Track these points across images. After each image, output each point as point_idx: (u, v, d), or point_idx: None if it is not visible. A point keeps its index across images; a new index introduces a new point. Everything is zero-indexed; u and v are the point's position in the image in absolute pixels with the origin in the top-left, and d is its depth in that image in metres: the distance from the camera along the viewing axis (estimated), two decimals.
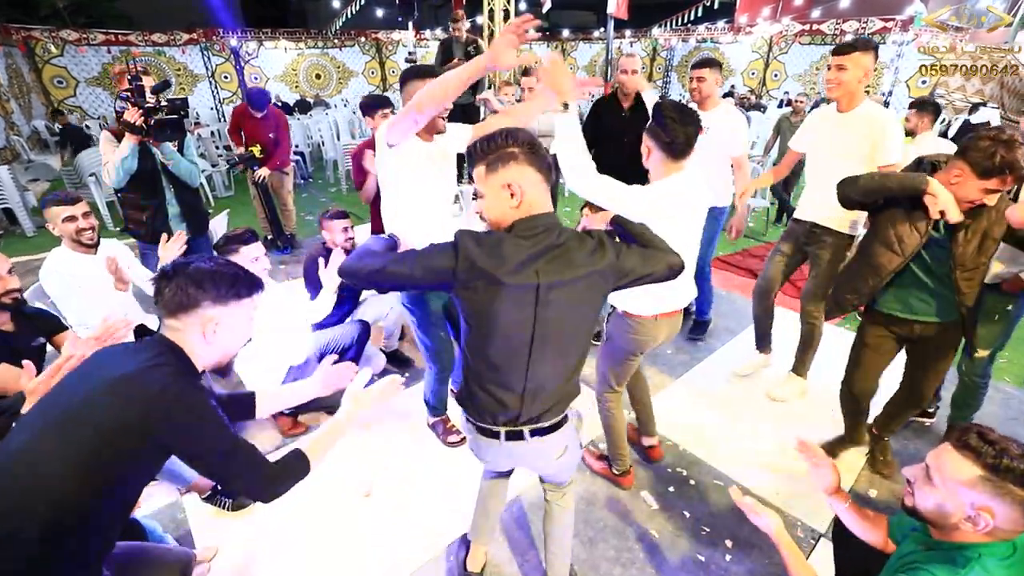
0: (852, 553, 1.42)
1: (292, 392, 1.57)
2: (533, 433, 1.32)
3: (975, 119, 6.33)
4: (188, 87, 13.41)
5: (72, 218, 2.19)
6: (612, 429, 2.11)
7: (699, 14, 11.62)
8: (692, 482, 2.24)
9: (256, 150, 4.42)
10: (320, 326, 2.69)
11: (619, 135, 2.98)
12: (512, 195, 1.14)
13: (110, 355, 1.15)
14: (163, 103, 2.56)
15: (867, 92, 2.25)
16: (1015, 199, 1.92)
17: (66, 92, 11.88)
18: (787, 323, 3.12)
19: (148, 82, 2.57)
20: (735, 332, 3.49)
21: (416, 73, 1.86)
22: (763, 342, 2.98)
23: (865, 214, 2.21)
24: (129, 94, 2.49)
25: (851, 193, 1.76)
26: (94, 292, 2.21)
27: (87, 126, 10.76)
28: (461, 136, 1.95)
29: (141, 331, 2.52)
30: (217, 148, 8.48)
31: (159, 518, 2.02)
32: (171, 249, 2.28)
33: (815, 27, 12.77)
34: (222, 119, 11.92)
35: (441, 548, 1.93)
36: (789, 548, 1.27)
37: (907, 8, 11.05)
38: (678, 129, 1.60)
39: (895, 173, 1.67)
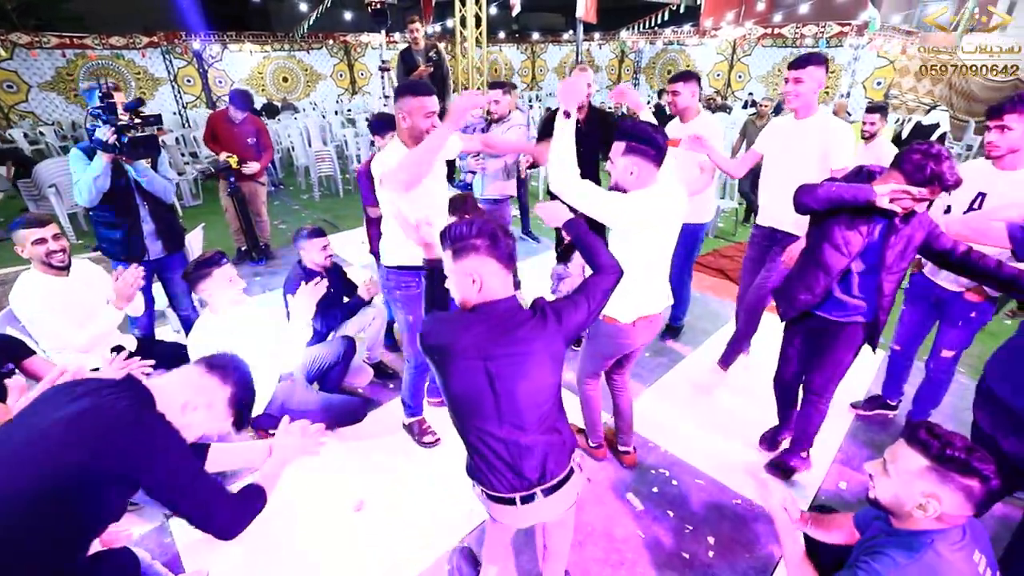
0: (821, 553, 1.52)
1: (244, 454, 1.62)
2: (546, 492, 1.38)
3: (926, 120, 6.69)
4: (149, 91, 12.97)
5: (42, 240, 2.13)
6: (588, 405, 2.29)
7: (665, 17, 11.86)
8: (674, 482, 2.33)
9: (233, 160, 4.27)
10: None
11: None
12: (473, 282, 1.26)
13: (66, 391, 1.15)
14: (136, 120, 2.51)
15: (827, 93, 2.42)
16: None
17: (17, 97, 11.35)
18: (768, 325, 3.23)
19: (120, 99, 2.51)
20: (710, 332, 3.61)
21: (409, 90, 1.96)
22: (744, 343, 3.11)
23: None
24: (101, 111, 2.44)
25: (808, 201, 1.85)
26: (70, 314, 2.16)
27: (41, 132, 10.31)
28: (450, 144, 2.10)
29: (117, 351, 2.48)
30: (183, 155, 8.25)
31: (146, 543, 1.99)
32: (125, 282, 2.20)
33: (776, 31, 13.22)
34: (186, 124, 11.58)
35: (432, 559, 1.96)
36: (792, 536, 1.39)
37: (862, 14, 11.53)
38: (659, 139, 1.73)
39: (848, 184, 1.78)
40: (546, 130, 3.19)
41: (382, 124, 2.99)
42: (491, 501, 1.42)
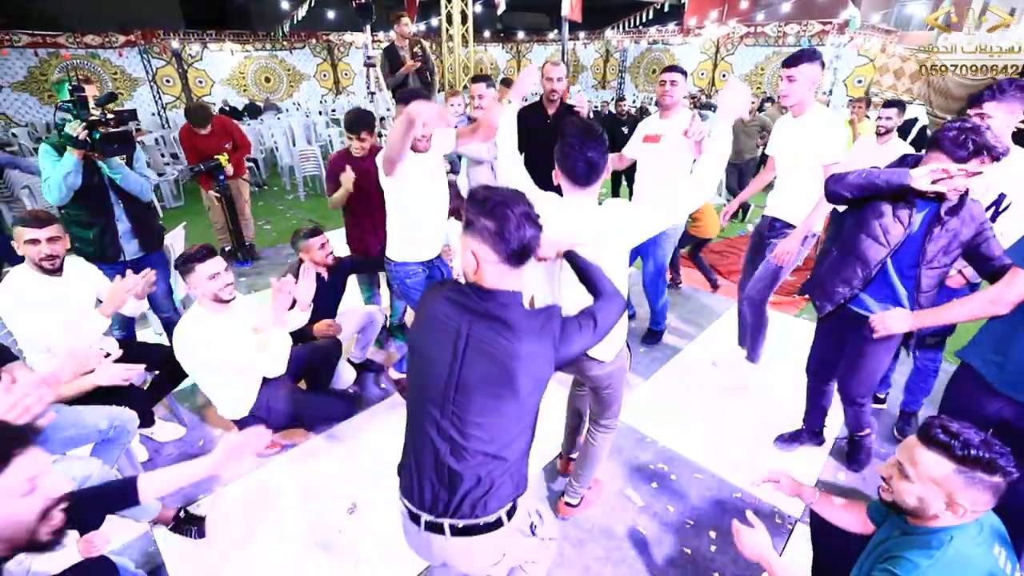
0: (830, 535, 1.49)
1: (184, 473, 1.37)
2: (454, 531, 1.16)
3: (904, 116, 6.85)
4: (127, 92, 12.68)
5: (35, 241, 2.03)
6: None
7: (650, 17, 11.93)
8: (673, 477, 2.30)
9: (223, 158, 4.20)
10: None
11: (543, 140, 3.04)
12: (472, 260, 1.12)
13: None
14: (109, 115, 2.40)
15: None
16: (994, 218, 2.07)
17: None
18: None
19: (91, 91, 2.41)
20: (703, 327, 3.61)
21: (408, 98, 2.00)
22: (743, 337, 3.09)
23: (815, 199, 2.36)
24: (70, 105, 2.32)
25: (840, 189, 1.80)
26: (61, 313, 2.07)
27: (14, 134, 10.01)
28: (446, 137, 2.32)
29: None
30: (163, 156, 8.05)
31: (129, 552, 1.91)
32: (125, 286, 2.12)
33: (759, 29, 13.36)
34: (166, 125, 11.34)
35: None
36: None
37: (843, 12, 11.70)
38: (577, 156, 1.45)
39: (883, 169, 1.73)
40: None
41: (355, 122, 2.80)
42: (405, 516, 1.25)
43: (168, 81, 13.28)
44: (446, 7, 7.53)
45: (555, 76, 3.01)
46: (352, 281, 3.23)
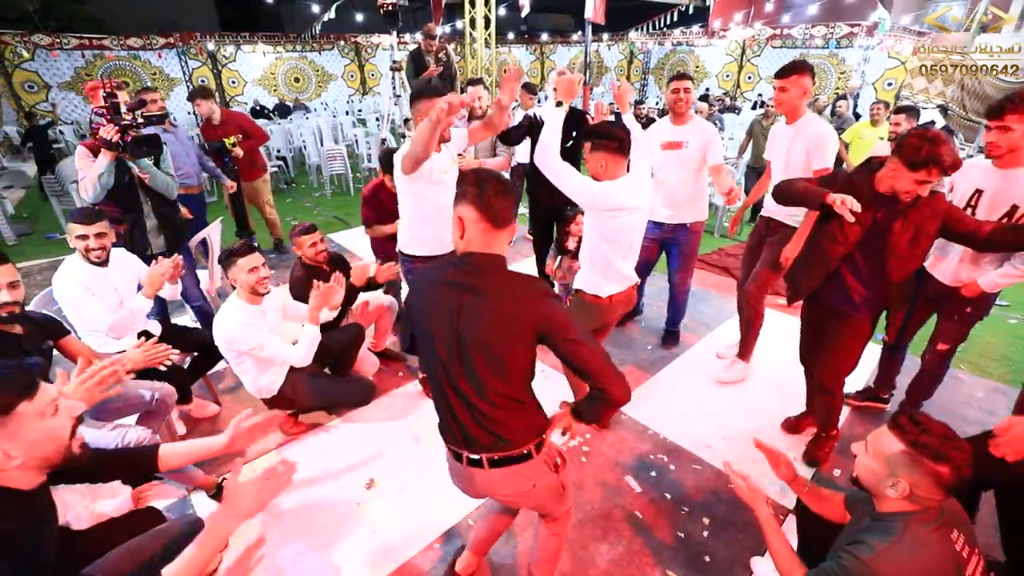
0: (813, 525, 1.59)
1: (201, 447, 1.50)
2: (492, 463, 1.34)
3: (920, 120, 6.72)
4: (165, 91, 13.22)
5: (84, 236, 2.25)
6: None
7: (674, 18, 11.92)
8: (672, 467, 2.41)
9: (229, 141, 4.20)
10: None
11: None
12: (458, 227, 1.26)
13: None
14: (139, 120, 2.61)
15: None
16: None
17: (38, 97, 11.64)
18: (769, 320, 3.27)
19: (123, 97, 2.62)
20: (711, 327, 3.68)
21: (424, 93, 2.16)
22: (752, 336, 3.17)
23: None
24: (104, 111, 2.53)
25: (776, 197, 2.10)
26: (106, 301, 2.29)
27: (60, 131, 10.56)
28: (460, 135, 2.47)
29: (145, 336, 2.61)
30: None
31: (170, 512, 2.10)
32: (159, 270, 2.35)
33: (786, 32, 13.21)
34: (200, 124, 11.80)
35: (432, 538, 2.05)
36: (767, 521, 1.43)
37: (872, 14, 11.49)
38: (618, 133, 1.98)
39: (804, 186, 1.94)
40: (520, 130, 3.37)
41: (390, 161, 2.94)
42: (448, 455, 1.43)
43: (203, 81, 13.79)
44: (470, 12, 7.71)
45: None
46: None
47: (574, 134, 3.14)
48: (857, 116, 5.87)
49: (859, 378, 2.92)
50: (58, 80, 11.81)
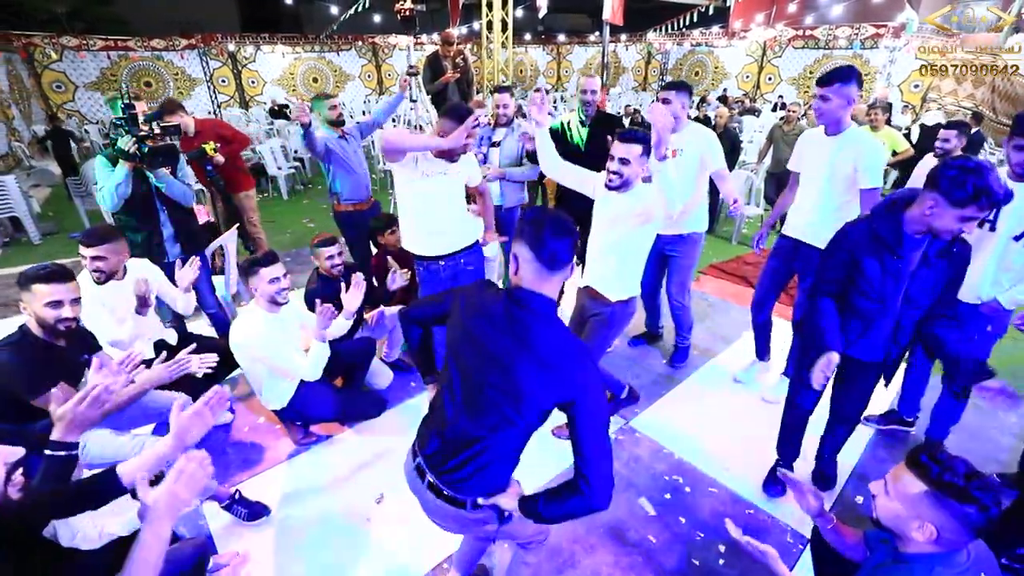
0: (830, 559, 1.53)
1: (152, 456, 1.37)
2: (432, 485, 1.32)
3: (930, 121, 6.45)
4: (186, 91, 13.46)
5: (85, 257, 2.29)
6: None
7: (693, 19, 11.74)
8: (688, 489, 2.35)
9: (209, 147, 3.82)
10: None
11: (575, 151, 3.21)
12: (513, 264, 1.24)
13: None
14: (156, 130, 2.63)
15: (860, 96, 2.37)
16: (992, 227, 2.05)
17: (65, 97, 11.93)
18: (786, 332, 3.20)
19: (141, 108, 2.64)
20: (730, 341, 3.60)
21: (451, 115, 2.29)
22: (763, 351, 3.10)
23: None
24: (123, 121, 2.56)
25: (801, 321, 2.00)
26: (116, 313, 2.32)
27: (86, 130, 10.80)
28: (474, 169, 2.59)
29: (161, 345, 2.63)
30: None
31: (181, 521, 2.12)
32: (187, 273, 2.40)
33: (808, 32, 12.94)
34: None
35: (442, 558, 2.02)
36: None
37: (899, 15, 11.20)
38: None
39: (829, 327, 1.82)
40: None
41: (382, 227, 3.23)
42: (409, 460, 1.42)
43: (224, 81, 14.00)
44: (487, 15, 7.69)
45: (589, 88, 3.19)
46: None
47: (609, 138, 3.04)
48: (889, 122, 5.62)
49: (883, 400, 2.83)
50: (84, 80, 12.09)
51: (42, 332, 1.82)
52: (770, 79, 14.32)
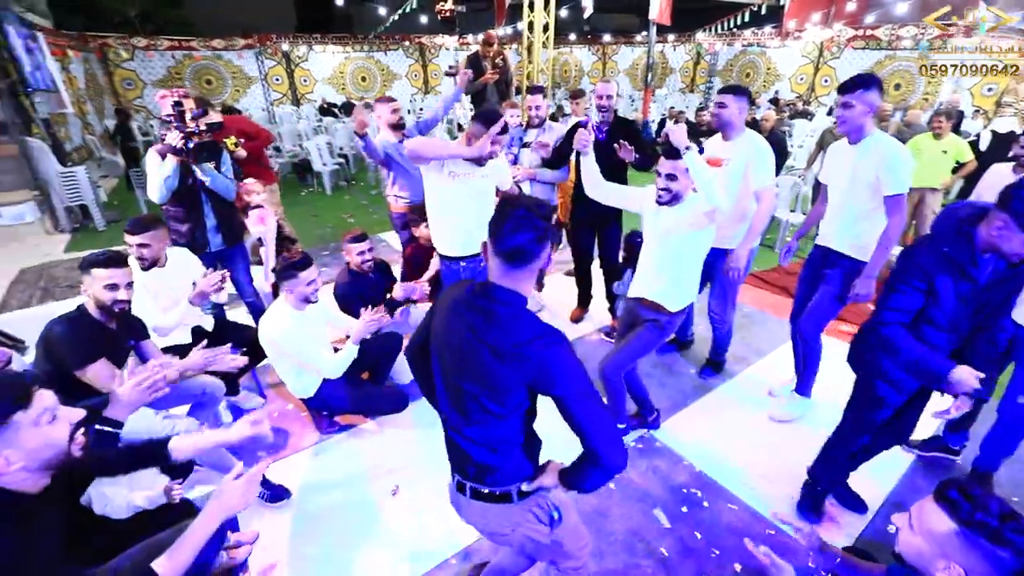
0: None
1: (209, 439, 1.56)
2: (473, 494, 1.31)
3: (1002, 128, 5.91)
4: (243, 89, 14.12)
5: (131, 244, 2.44)
6: (620, 392, 2.48)
7: (746, 19, 11.35)
8: (706, 504, 2.28)
9: (230, 141, 3.88)
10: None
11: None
12: (483, 253, 1.25)
13: None
14: (201, 127, 2.78)
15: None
16: None
17: (134, 93, 12.74)
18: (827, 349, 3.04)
19: (189, 106, 2.79)
20: (763, 353, 3.47)
21: (479, 118, 2.33)
22: (812, 370, 2.94)
23: (876, 232, 2.27)
24: (171, 118, 2.71)
25: (885, 363, 1.78)
26: (159, 301, 2.47)
27: (151, 124, 11.50)
28: (505, 173, 2.67)
29: (197, 331, 2.77)
30: (267, 150, 8.90)
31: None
32: (208, 282, 2.48)
33: (869, 32, 12.26)
34: (272, 121, 12.50)
35: (450, 554, 2.04)
36: None
37: (970, 13, 10.45)
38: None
39: (928, 357, 1.63)
40: (568, 143, 3.29)
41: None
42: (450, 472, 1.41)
43: (277, 80, 14.60)
44: (528, 16, 7.72)
45: (605, 94, 3.15)
46: None
47: (622, 144, 2.96)
48: (957, 131, 5.19)
49: (928, 425, 2.66)
50: (152, 78, 12.88)
51: (98, 312, 1.97)
52: (826, 81, 13.66)
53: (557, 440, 1.45)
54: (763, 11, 11.17)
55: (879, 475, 2.36)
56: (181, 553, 1.17)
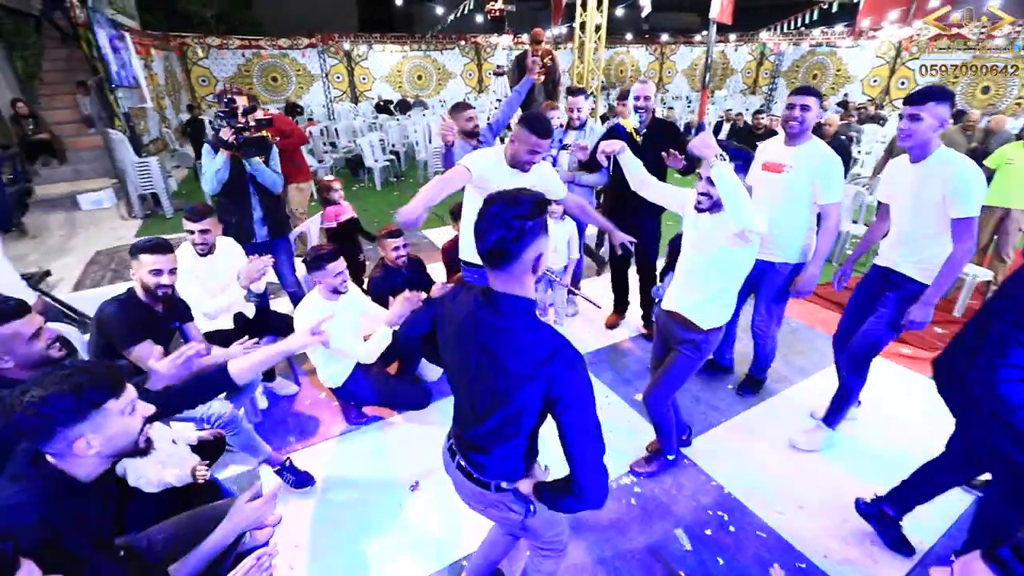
0: None
1: (260, 358, 1.61)
2: (458, 465, 1.36)
3: None
4: (305, 86, 14.78)
5: (191, 232, 2.58)
6: (667, 419, 2.31)
7: (815, 17, 10.73)
8: (732, 528, 2.17)
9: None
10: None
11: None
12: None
13: None
14: (251, 123, 2.91)
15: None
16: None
17: (207, 90, 13.59)
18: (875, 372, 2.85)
19: (241, 102, 2.92)
20: (808, 373, 3.27)
21: (528, 124, 2.16)
22: (852, 397, 2.74)
23: (945, 256, 2.07)
24: (224, 114, 2.85)
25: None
26: (207, 286, 2.61)
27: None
28: (556, 185, 2.51)
29: (240, 317, 2.90)
30: (324, 145, 9.28)
31: (239, 482, 2.34)
32: (253, 268, 2.60)
33: (955, 31, 11.31)
34: (331, 117, 13.01)
35: (460, 556, 2.03)
36: None
37: None
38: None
39: None
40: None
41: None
42: (446, 444, 1.45)
43: (338, 77, 15.19)
44: (580, 16, 7.64)
45: (642, 95, 3.07)
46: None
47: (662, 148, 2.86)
48: None
49: None
50: (224, 75, 13.71)
51: (145, 295, 2.10)
52: (903, 84, 12.75)
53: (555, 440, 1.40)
54: (834, 9, 10.51)
55: (932, 516, 2.16)
56: (193, 558, 1.27)
